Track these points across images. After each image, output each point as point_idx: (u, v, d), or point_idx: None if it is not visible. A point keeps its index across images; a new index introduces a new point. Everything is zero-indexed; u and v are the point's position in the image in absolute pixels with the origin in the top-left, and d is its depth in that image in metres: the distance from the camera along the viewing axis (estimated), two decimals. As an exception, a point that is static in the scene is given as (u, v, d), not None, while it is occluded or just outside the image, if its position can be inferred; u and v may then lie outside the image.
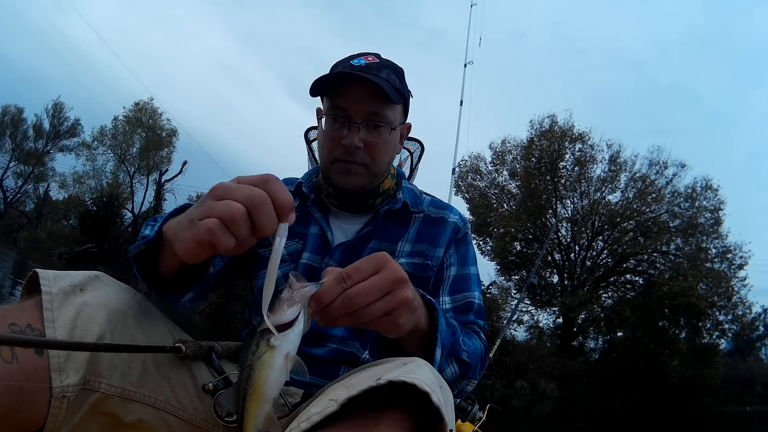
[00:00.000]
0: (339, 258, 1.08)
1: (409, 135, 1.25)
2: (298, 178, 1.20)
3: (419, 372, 0.61)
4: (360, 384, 0.59)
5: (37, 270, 0.75)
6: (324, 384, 0.95)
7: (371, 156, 1.05)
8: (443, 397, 0.61)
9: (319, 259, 1.09)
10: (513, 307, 19.38)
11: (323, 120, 1.07)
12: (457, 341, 0.90)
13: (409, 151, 1.48)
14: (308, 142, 1.47)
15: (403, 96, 1.07)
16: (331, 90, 1.04)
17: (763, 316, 34.44)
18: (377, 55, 1.09)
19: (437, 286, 1.10)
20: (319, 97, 1.09)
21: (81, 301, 0.75)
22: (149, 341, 0.81)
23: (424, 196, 1.21)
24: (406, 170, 1.47)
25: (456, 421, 1.27)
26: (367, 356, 1.04)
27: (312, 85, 1.02)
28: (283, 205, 0.60)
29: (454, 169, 5.01)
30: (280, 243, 0.60)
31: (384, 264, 0.67)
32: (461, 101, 4.99)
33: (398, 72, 1.09)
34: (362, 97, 1.01)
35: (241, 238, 0.60)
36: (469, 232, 1.21)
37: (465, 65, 5.17)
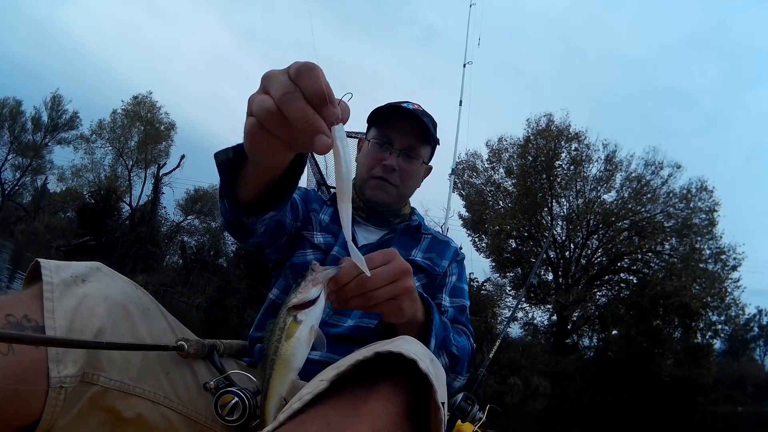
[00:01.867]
0: None
1: None
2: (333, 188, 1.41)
3: (406, 345, 0.63)
4: (348, 360, 0.61)
5: (40, 260, 0.75)
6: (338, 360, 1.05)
7: (402, 179, 1.27)
8: (433, 368, 0.62)
9: (345, 254, 1.18)
10: (507, 303, 19.53)
11: (368, 144, 1.29)
12: (447, 336, 1.01)
13: None
14: None
15: (434, 143, 1.32)
16: (383, 122, 1.27)
17: (757, 317, 34.66)
18: (419, 105, 1.31)
19: (440, 287, 1.29)
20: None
21: (82, 292, 0.74)
22: (150, 335, 0.81)
23: (428, 225, 1.43)
24: None
25: (456, 421, 1.35)
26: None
27: (373, 112, 1.28)
28: (313, 96, 0.55)
29: (453, 170, 5.00)
30: (339, 145, 0.57)
31: (393, 256, 0.78)
32: (460, 101, 4.90)
33: (434, 123, 1.31)
34: (408, 132, 1.25)
35: (278, 136, 0.59)
36: (464, 259, 1.43)
37: (464, 65, 5.02)
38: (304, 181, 1.68)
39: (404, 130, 1.25)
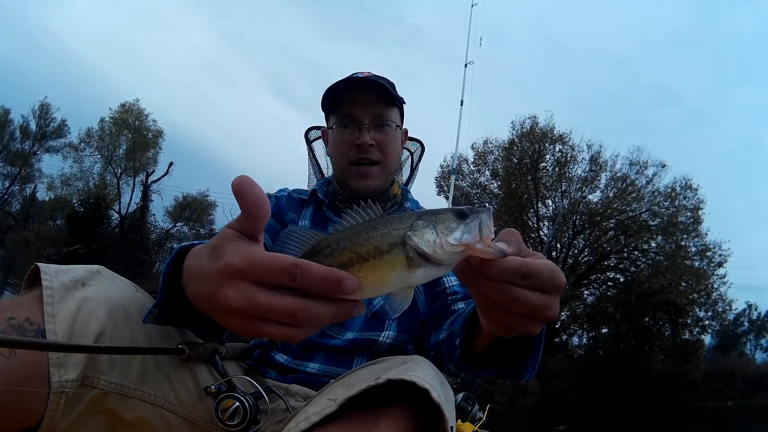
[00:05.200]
0: None
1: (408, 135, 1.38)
2: (308, 190, 1.30)
3: (418, 370, 0.63)
4: (359, 384, 0.60)
5: (39, 264, 0.74)
6: (338, 373, 0.99)
7: (382, 152, 1.15)
8: (443, 394, 0.62)
9: None
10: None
11: (333, 131, 1.18)
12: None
13: (409, 150, 1.56)
14: (308, 141, 1.52)
15: (399, 102, 1.20)
16: (339, 101, 1.16)
17: (747, 311, 34.94)
18: (370, 72, 1.22)
19: (454, 291, 1.12)
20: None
21: (82, 296, 0.74)
22: (150, 338, 0.80)
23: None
24: (407, 170, 1.55)
25: (456, 421, 1.31)
26: (387, 340, 1.07)
27: (323, 96, 1.16)
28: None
29: (453, 170, 4.98)
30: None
31: (559, 273, 0.57)
32: (461, 101, 4.81)
33: (390, 83, 1.20)
34: (368, 101, 1.14)
35: None
36: None
37: (465, 65, 4.98)
38: (305, 181, 1.62)
39: (365, 101, 1.14)
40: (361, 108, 1.14)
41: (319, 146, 1.56)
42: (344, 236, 0.52)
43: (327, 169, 1.57)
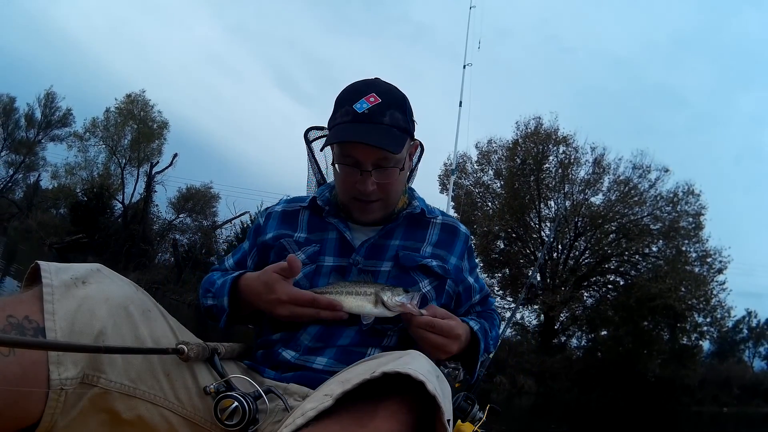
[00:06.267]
0: (364, 255, 1.13)
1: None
2: (307, 196, 1.27)
3: (414, 363, 0.64)
4: (354, 378, 0.61)
5: (39, 262, 0.75)
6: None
7: (385, 192, 1.11)
8: (439, 387, 0.63)
9: (346, 260, 1.13)
10: (495, 303, 19.64)
11: (335, 166, 1.11)
12: (487, 342, 1.14)
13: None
14: (308, 142, 1.50)
15: (408, 131, 1.10)
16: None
17: (747, 318, 34.91)
18: (377, 86, 1.10)
19: (468, 291, 1.24)
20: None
21: (82, 294, 0.74)
22: (151, 337, 0.81)
23: (432, 207, 1.30)
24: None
25: (456, 421, 1.32)
26: (393, 335, 1.10)
27: (329, 123, 1.12)
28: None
29: (453, 171, 5.00)
30: None
31: (452, 328, 1.01)
32: (460, 102, 4.83)
33: (401, 106, 1.10)
34: (370, 147, 1.04)
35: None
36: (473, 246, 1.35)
37: (464, 66, 5.00)
38: (304, 183, 1.61)
39: (366, 147, 1.04)
40: (362, 153, 1.05)
41: (318, 146, 1.54)
42: (352, 284, 1.04)
43: (327, 169, 1.55)
